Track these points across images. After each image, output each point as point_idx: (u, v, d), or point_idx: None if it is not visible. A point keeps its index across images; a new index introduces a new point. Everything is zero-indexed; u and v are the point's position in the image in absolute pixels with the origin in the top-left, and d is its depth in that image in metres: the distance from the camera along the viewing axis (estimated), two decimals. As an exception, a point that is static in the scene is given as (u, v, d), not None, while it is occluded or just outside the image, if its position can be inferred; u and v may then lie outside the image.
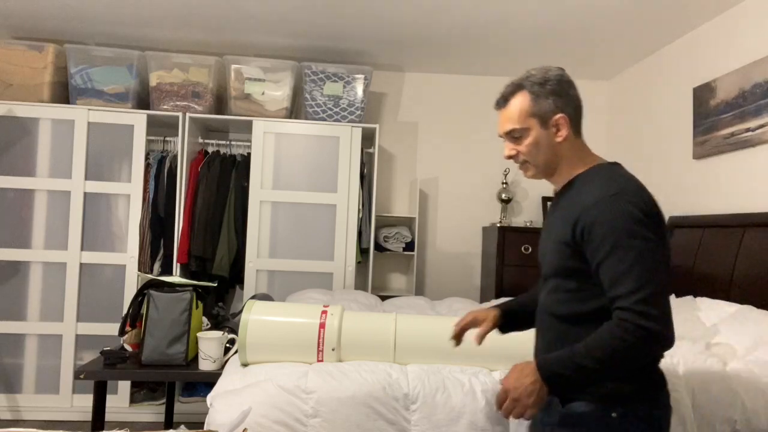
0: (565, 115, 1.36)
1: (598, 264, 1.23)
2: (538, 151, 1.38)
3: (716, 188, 3.08)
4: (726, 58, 3.03)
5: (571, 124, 1.37)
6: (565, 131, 1.36)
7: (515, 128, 1.38)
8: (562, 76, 1.38)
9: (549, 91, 1.35)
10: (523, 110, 1.36)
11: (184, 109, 3.65)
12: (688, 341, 2.17)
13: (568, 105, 1.36)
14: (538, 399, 1.20)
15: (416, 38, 3.64)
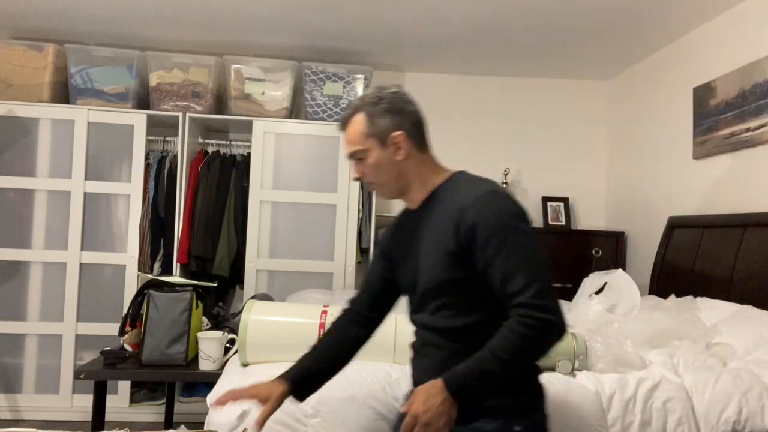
0: (403, 132, 1.34)
1: (486, 263, 1.22)
2: (380, 170, 1.36)
3: (716, 188, 3.08)
4: (726, 58, 3.03)
5: (412, 140, 1.36)
6: (405, 148, 1.34)
7: (355, 150, 1.36)
8: (396, 93, 1.36)
9: (383, 109, 1.34)
10: (360, 132, 1.35)
11: (184, 109, 3.65)
12: (688, 341, 2.17)
13: (405, 122, 1.35)
14: (449, 419, 1.16)
15: (416, 38, 3.64)
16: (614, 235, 3.92)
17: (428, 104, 4.37)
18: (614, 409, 1.80)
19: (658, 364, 1.96)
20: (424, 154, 1.39)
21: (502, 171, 4.33)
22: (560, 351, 1.90)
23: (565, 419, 1.77)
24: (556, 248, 3.87)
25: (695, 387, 1.85)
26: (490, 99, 4.38)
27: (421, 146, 1.38)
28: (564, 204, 4.21)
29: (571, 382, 1.83)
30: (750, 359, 2.04)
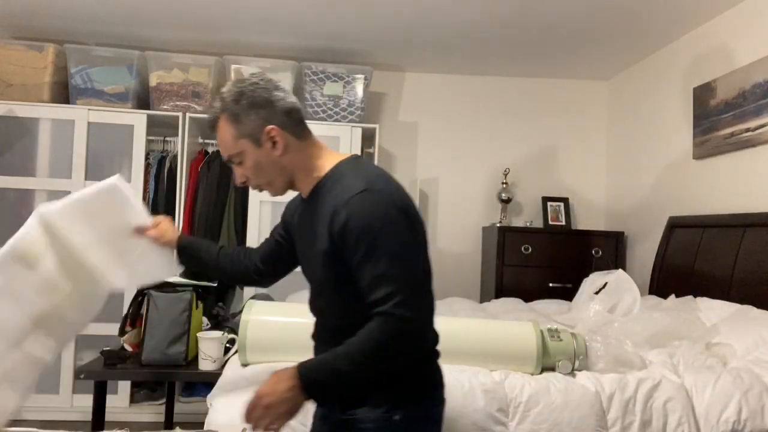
0: (275, 126, 1.25)
1: (356, 268, 1.16)
2: (262, 170, 1.29)
3: (716, 188, 3.08)
4: (726, 58, 3.03)
5: (288, 130, 1.27)
6: (282, 142, 1.26)
7: (230, 155, 1.29)
8: (258, 84, 1.26)
9: (247, 105, 1.24)
10: (229, 135, 1.26)
11: (184, 109, 3.65)
12: (688, 341, 2.17)
13: (274, 113, 1.25)
14: (292, 408, 1.13)
15: (416, 38, 3.64)
16: (614, 235, 3.92)
17: (428, 104, 4.37)
18: (614, 409, 1.80)
19: (658, 364, 1.97)
20: (305, 141, 1.31)
21: (502, 171, 4.33)
22: (560, 351, 1.90)
23: (565, 419, 1.77)
24: (556, 248, 3.87)
25: (695, 387, 1.85)
26: (490, 99, 4.38)
27: (299, 135, 1.30)
28: (564, 204, 4.21)
29: (571, 382, 1.83)
30: (750, 359, 2.04)
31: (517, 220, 4.32)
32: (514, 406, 1.79)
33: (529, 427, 1.77)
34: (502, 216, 4.17)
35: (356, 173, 1.23)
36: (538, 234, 3.90)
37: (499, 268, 3.84)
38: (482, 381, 1.81)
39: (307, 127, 1.33)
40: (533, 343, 1.88)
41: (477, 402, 1.77)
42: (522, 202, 4.35)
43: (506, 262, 3.84)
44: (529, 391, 1.80)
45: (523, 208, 4.35)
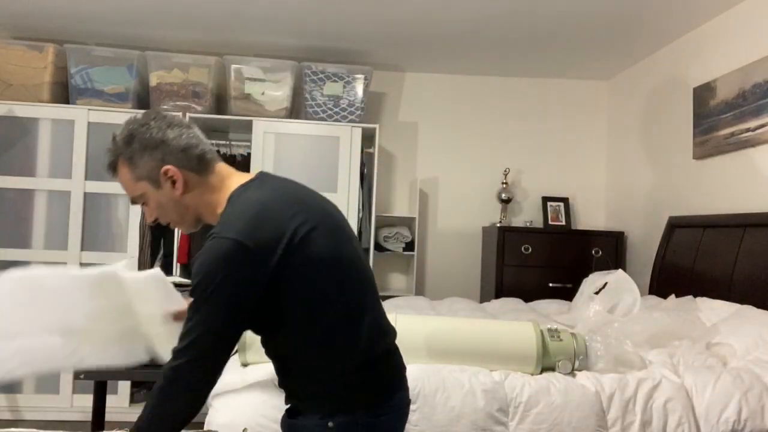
0: (171, 166, 1.20)
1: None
2: (166, 210, 1.25)
3: (716, 188, 3.08)
4: (726, 58, 3.03)
5: (186, 168, 1.22)
6: (181, 180, 1.21)
7: (133, 197, 1.27)
8: (148, 124, 1.22)
9: (140, 148, 1.20)
10: (127, 179, 1.24)
11: (184, 109, 3.65)
12: (688, 341, 2.17)
13: (170, 152, 1.21)
14: None
15: (416, 38, 3.64)
16: (614, 235, 3.92)
17: (428, 104, 4.37)
18: (614, 409, 1.80)
19: (658, 364, 1.97)
20: (208, 176, 1.25)
21: (502, 171, 4.34)
22: (560, 351, 1.90)
23: (565, 419, 1.77)
24: (556, 248, 3.87)
25: (695, 387, 1.85)
26: (490, 99, 4.38)
27: (200, 170, 1.24)
28: (564, 204, 4.21)
29: (571, 382, 1.83)
30: (750, 359, 2.04)
31: (517, 220, 4.32)
32: (514, 406, 1.79)
33: (529, 427, 1.77)
34: (502, 216, 4.17)
35: (230, 211, 1.18)
36: (538, 234, 3.91)
37: (499, 268, 3.84)
38: (482, 381, 1.81)
39: (208, 160, 1.26)
40: (533, 343, 1.88)
41: (477, 402, 1.77)
42: (522, 202, 4.35)
43: (506, 262, 3.84)
44: (529, 391, 1.80)
45: (523, 208, 4.36)
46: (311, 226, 1.18)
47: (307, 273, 1.16)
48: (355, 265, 1.24)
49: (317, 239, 1.17)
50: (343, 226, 1.28)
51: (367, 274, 1.29)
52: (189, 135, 1.26)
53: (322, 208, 1.25)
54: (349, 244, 1.25)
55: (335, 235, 1.22)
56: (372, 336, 1.23)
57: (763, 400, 1.81)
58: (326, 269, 1.17)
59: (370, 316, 1.24)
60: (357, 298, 1.22)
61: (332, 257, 1.19)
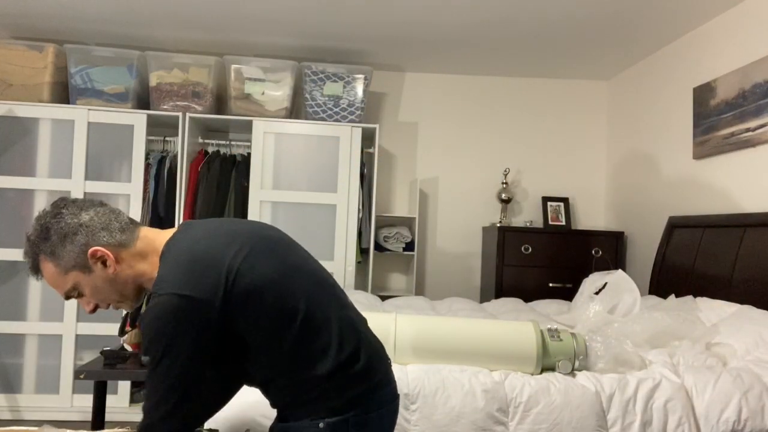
0: (96, 247, 1.18)
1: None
2: (104, 292, 1.22)
3: (716, 188, 3.08)
4: (726, 58, 3.03)
5: (113, 243, 1.20)
6: (111, 257, 1.19)
7: (66, 291, 1.22)
8: (61, 213, 1.21)
9: (58, 239, 1.18)
10: (55, 275, 1.19)
11: (184, 109, 3.65)
12: (688, 341, 2.17)
13: (90, 233, 1.19)
14: None
15: (416, 38, 3.64)
16: (614, 235, 3.92)
17: (428, 104, 4.37)
18: (614, 409, 1.80)
19: (658, 364, 1.97)
20: (134, 245, 1.22)
21: (502, 171, 4.34)
22: (560, 351, 1.90)
23: (565, 419, 1.77)
24: (556, 248, 3.87)
25: (695, 387, 1.85)
26: (490, 99, 4.38)
27: (126, 242, 1.21)
28: (564, 204, 4.21)
29: (571, 382, 1.83)
30: (750, 359, 2.04)
31: (517, 220, 4.32)
32: (514, 406, 1.79)
33: (529, 427, 1.77)
34: (502, 216, 4.17)
35: (163, 268, 1.17)
36: (538, 234, 3.91)
37: (499, 268, 3.84)
38: (482, 381, 1.81)
39: (131, 227, 1.24)
40: (533, 343, 1.88)
41: (477, 402, 1.77)
42: (522, 202, 4.35)
43: (506, 262, 3.84)
44: (529, 391, 1.80)
45: (523, 208, 4.36)
46: (246, 252, 1.17)
47: (256, 298, 1.15)
48: (304, 274, 1.23)
49: (256, 263, 1.17)
50: (281, 241, 1.27)
51: (322, 278, 1.28)
52: (104, 212, 1.24)
53: (252, 233, 1.24)
54: (293, 256, 1.25)
55: (273, 251, 1.22)
56: (343, 335, 1.22)
57: (763, 400, 1.81)
58: (274, 288, 1.17)
59: (334, 318, 1.23)
60: (314, 306, 1.21)
61: (277, 274, 1.18)
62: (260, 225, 1.31)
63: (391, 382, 1.31)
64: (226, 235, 1.21)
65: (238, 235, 1.21)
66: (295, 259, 1.25)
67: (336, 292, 1.29)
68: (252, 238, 1.22)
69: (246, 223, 1.29)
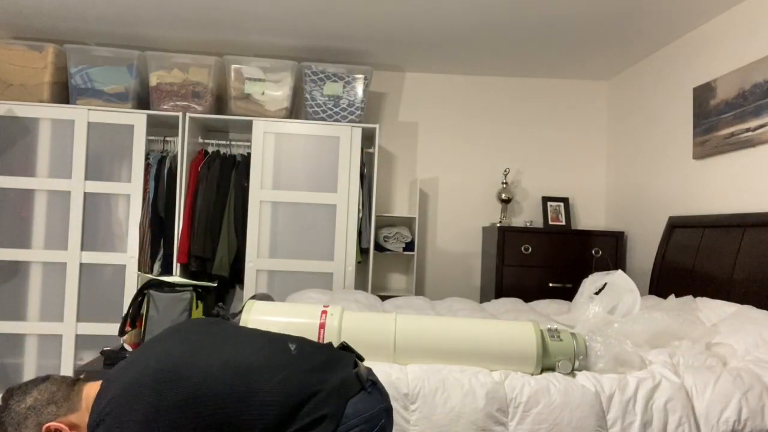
0: (48, 423, 1.27)
1: None
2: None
3: (716, 188, 3.08)
4: (726, 58, 3.03)
5: (62, 413, 1.28)
6: (65, 427, 1.28)
7: None
8: (8, 406, 1.29)
9: (14, 428, 1.27)
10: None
11: (184, 109, 3.65)
12: (688, 341, 2.17)
13: (37, 413, 1.27)
14: None
15: (416, 38, 3.64)
16: (614, 235, 3.92)
17: (428, 104, 4.37)
18: (614, 409, 1.80)
19: (658, 364, 1.97)
20: (79, 407, 1.31)
21: (502, 171, 4.34)
22: (560, 351, 1.90)
23: (564, 419, 1.77)
24: (556, 248, 3.88)
25: (695, 387, 1.85)
26: (490, 99, 4.38)
27: (74, 407, 1.30)
28: (564, 204, 4.21)
29: (571, 382, 1.83)
30: (750, 359, 2.04)
31: (517, 220, 4.32)
32: (514, 406, 1.79)
33: (529, 427, 1.77)
34: (502, 216, 4.17)
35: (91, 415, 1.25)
36: (538, 234, 3.91)
37: (499, 268, 3.84)
38: (482, 381, 1.81)
39: (74, 391, 1.33)
40: (533, 343, 1.88)
41: (477, 402, 1.77)
42: (522, 202, 4.35)
43: (506, 262, 3.84)
44: (529, 391, 1.80)
45: (523, 208, 4.36)
46: (150, 406, 1.21)
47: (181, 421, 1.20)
48: (218, 373, 1.26)
49: (166, 411, 1.20)
50: (176, 366, 1.28)
51: (236, 367, 1.29)
52: (46, 386, 1.31)
53: (156, 362, 1.27)
54: (192, 371, 1.26)
55: (181, 368, 1.25)
56: (276, 406, 1.25)
57: (763, 400, 1.81)
58: (189, 414, 1.21)
59: (259, 398, 1.25)
60: (226, 411, 1.23)
61: (187, 398, 1.22)
62: (160, 352, 1.32)
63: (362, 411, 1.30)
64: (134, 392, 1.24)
65: (144, 388, 1.23)
66: (204, 368, 1.26)
67: (258, 369, 1.30)
68: (158, 383, 1.23)
69: (156, 357, 1.30)
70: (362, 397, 1.32)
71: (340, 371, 1.35)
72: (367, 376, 1.37)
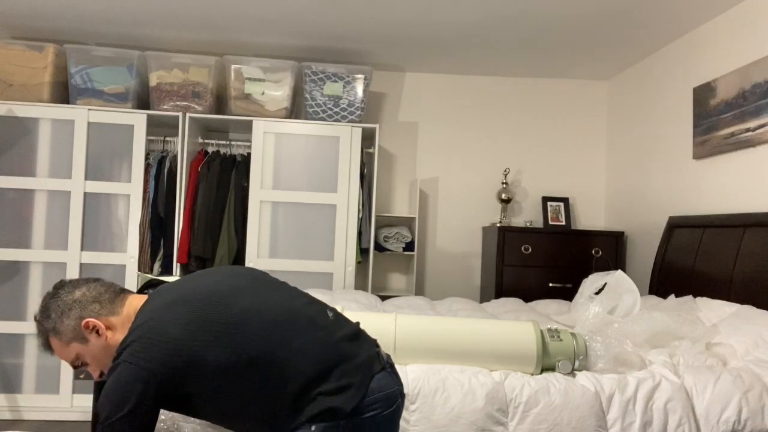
0: (88, 319, 1.32)
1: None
2: (102, 359, 1.35)
3: (716, 188, 3.08)
4: (726, 58, 3.03)
5: (104, 314, 1.34)
6: (103, 327, 1.33)
7: (72, 361, 1.36)
8: (58, 293, 1.36)
9: (58, 315, 1.33)
10: (60, 347, 1.35)
11: (184, 109, 3.65)
12: (688, 341, 2.17)
13: (84, 307, 1.33)
14: None
15: (416, 38, 3.64)
16: (614, 235, 3.92)
17: (428, 104, 4.37)
18: (614, 409, 1.80)
19: (658, 364, 1.97)
20: (122, 312, 1.36)
21: (502, 171, 4.34)
22: (560, 351, 1.90)
23: (564, 419, 1.77)
24: (556, 248, 3.87)
25: (695, 387, 1.85)
26: (490, 99, 4.38)
27: (114, 310, 1.36)
28: (564, 204, 4.21)
29: (571, 382, 1.83)
30: (750, 359, 2.04)
31: (517, 220, 4.32)
32: (513, 406, 1.79)
33: (529, 428, 1.77)
34: (502, 216, 4.17)
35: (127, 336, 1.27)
36: (538, 234, 3.91)
37: (499, 268, 3.84)
38: (482, 381, 1.81)
39: (120, 297, 1.38)
40: (533, 343, 1.88)
41: (477, 402, 1.77)
42: (522, 202, 4.35)
43: (506, 262, 3.84)
44: (529, 391, 1.80)
45: (523, 208, 4.36)
46: (191, 323, 1.25)
47: (202, 366, 1.23)
48: (259, 318, 1.30)
49: (202, 332, 1.25)
50: (235, 290, 1.35)
51: (283, 312, 1.34)
52: (96, 286, 1.38)
53: (205, 296, 1.31)
54: (246, 300, 1.32)
55: (220, 306, 1.29)
56: (309, 359, 1.28)
57: (763, 400, 1.81)
58: (218, 351, 1.24)
59: (298, 344, 1.29)
60: (270, 345, 1.27)
61: (222, 334, 1.26)
62: (221, 277, 1.39)
63: (387, 387, 1.34)
64: (178, 304, 1.29)
65: (186, 305, 1.29)
66: (247, 305, 1.31)
67: (303, 318, 1.35)
68: (200, 303, 1.29)
69: (203, 285, 1.36)
70: (384, 375, 1.35)
71: (367, 347, 1.38)
72: (387, 359, 1.41)
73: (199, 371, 1.24)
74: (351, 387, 1.29)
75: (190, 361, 1.23)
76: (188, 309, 1.28)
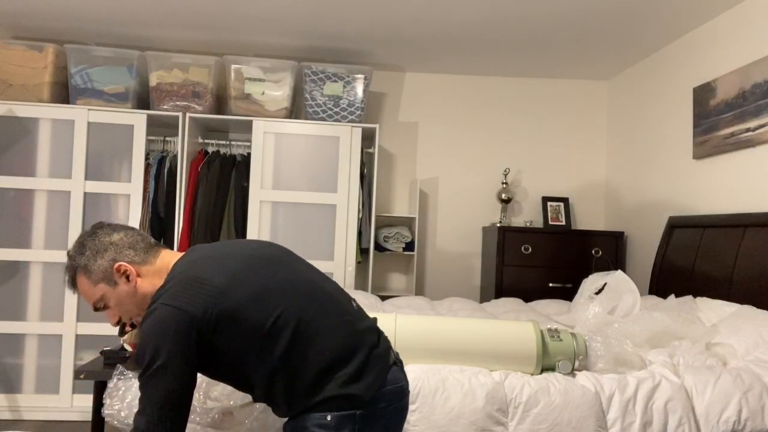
0: (121, 262, 1.34)
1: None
2: (126, 305, 1.37)
3: (716, 188, 3.08)
4: (726, 58, 3.03)
5: (136, 260, 1.36)
6: (133, 273, 1.35)
7: (94, 302, 1.37)
8: (96, 233, 1.37)
9: (91, 254, 1.35)
10: (86, 286, 1.36)
11: (184, 109, 3.65)
12: (688, 341, 2.17)
13: (118, 251, 1.36)
14: None
15: (416, 38, 3.64)
16: (614, 235, 3.92)
17: (428, 104, 4.37)
18: (614, 409, 1.80)
19: (658, 364, 1.97)
20: (154, 263, 1.38)
21: (502, 171, 4.34)
22: (560, 351, 1.90)
23: (564, 419, 1.77)
24: (556, 248, 3.87)
25: (695, 387, 1.85)
26: (490, 99, 4.38)
27: (148, 261, 1.38)
28: (564, 204, 4.21)
29: (571, 382, 1.83)
30: (750, 359, 2.04)
31: (517, 220, 4.32)
32: (513, 406, 1.79)
33: (529, 428, 1.77)
34: (502, 216, 4.17)
35: (166, 284, 1.30)
36: (538, 234, 3.91)
37: (499, 268, 3.84)
38: (482, 381, 1.81)
39: (154, 248, 1.41)
40: (533, 343, 1.88)
41: (476, 402, 1.77)
42: (522, 202, 4.35)
43: (506, 262, 3.84)
44: (529, 391, 1.80)
45: (523, 208, 4.36)
46: (234, 276, 1.29)
47: (240, 318, 1.25)
48: (294, 288, 1.33)
49: (242, 285, 1.28)
50: (273, 259, 1.38)
51: (316, 289, 1.37)
52: (133, 233, 1.41)
53: (245, 256, 1.36)
54: (283, 272, 1.36)
55: (264, 270, 1.33)
56: (336, 341, 1.31)
57: (763, 400, 1.81)
58: (256, 308, 1.27)
59: (328, 325, 1.32)
60: (304, 317, 1.30)
61: (261, 293, 1.29)
62: (258, 245, 1.43)
63: (398, 379, 1.37)
64: (221, 258, 1.34)
65: (231, 259, 1.33)
66: (285, 275, 1.35)
67: (333, 299, 1.38)
68: (244, 260, 1.34)
69: (244, 246, 1.40)
70: (396, 369, 1.38)
71: (384, 340, 1.42)
72: (396, 355, 1.44)
73: (231, 326, 1.24)
74: (370, 374, 1.32)
75: (228, 312, 1.24)
76: (235, 263, 1.31)
